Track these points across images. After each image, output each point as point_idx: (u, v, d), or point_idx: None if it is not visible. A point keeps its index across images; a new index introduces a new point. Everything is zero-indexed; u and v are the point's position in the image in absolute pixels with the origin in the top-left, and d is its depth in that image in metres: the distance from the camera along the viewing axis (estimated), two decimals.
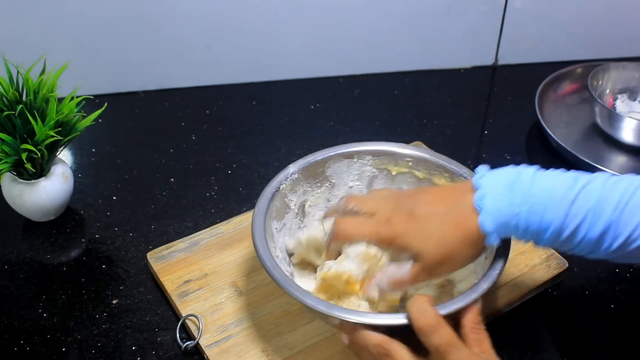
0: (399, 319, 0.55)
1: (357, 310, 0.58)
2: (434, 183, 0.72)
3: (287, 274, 0.63)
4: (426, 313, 0.53)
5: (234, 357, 0.63)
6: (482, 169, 0.59)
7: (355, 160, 0.74)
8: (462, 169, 0.70)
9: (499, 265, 0.60)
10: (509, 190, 0.55)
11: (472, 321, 0.55)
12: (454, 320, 0.56)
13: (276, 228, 0.69)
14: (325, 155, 0.73)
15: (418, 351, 0.53)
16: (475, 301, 0.56)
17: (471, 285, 0.59)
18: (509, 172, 0.57)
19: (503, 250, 0.61)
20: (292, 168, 0.71)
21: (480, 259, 0.64)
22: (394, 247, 0.59)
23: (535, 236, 0.56)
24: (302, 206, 0.73)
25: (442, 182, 0.71)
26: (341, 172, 0.74)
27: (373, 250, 0.60)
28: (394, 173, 0.74)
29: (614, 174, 0.57)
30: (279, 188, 0.70)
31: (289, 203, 0.72)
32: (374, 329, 0.55)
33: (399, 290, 0.62)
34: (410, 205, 0.59)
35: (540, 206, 0.55)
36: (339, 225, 0.62)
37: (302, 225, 0.73)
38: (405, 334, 0.54)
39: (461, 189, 0.59)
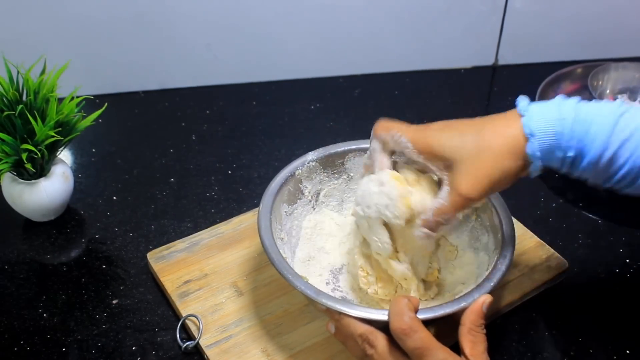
0: (382, 315, 0.55)
1: (343, 300, 0.59)
2: None
3: (287, 257, 0.63)
4: (401, 316, 0.53)
5: (234, 357, 0.63)
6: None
7: None
8: None
9: (495, 276, 0.59)
10: (559, 107, 0.56)
11: (471, 322, 0.55)
12: (444, 324, 0.56)
13: (285, 211, 0.70)
14: (347, 148, 0.73)
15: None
16: (477, 301, 0.56)
17: (467, 291, 0.59)
18: (552, 108, 0.56)
19: (503, 262, 0.61)
20: (311, 155, 0.72)
21: (483, 265, 0.64)
22: (434, 155, 0.59)
23: (575, 158, 0.55)
24: (317, 194, 0.74)
25: None
26: (360, 167, 0.74)
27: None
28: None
29: None
30: (294, 173, 0.71)
31: (303, 189, 0.72)
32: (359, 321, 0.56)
33: (447, 222, 0.59)
34: (446, 122, 0.60)
35: (587, 118, 0.54)
36: (379, 122, 0.63)
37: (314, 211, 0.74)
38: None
39: (507, 114, 0.58)
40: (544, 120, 0.55)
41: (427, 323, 0.54)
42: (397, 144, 0.62)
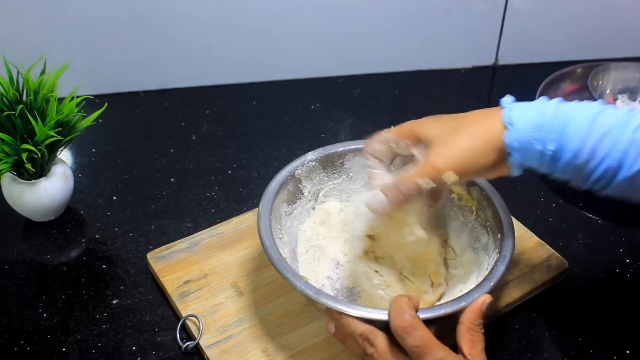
0: (382, 315, 0.55)
1: (342, 300, 0.59)
2: (450, 187, 0.72)
3: (286, 257, 0.63)
4: (402, 315, 0.53)
5: (235, 358, 0.63)
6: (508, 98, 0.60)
7: None
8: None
9: (495, 276, 0.59)
10: (540, 107, 0.57)
11: (470, 321, 0.55)
12: (444, 323, 0.56)
13: (285, 211, 0.70)
14: (346, 148, 0.74)
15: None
16: (477, 301, 0.56)
17: (466, 291, 0.59)
18: (533, 104, 0.58)
19: (503, 261, 0.61)
20: (311, 155, 0.72)
21: (483, 265, 0.65)
22: (415, 137, 0.61)
23: (554, 158, 0.56)
24: (317, 194, 0.74)
25: (457, 189, 0.71)
26: (360, 167, 0.75)
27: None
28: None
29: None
30: (294, 173, 0.71)
31: (303, 189, 0.72)
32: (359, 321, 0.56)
33: (406, 192, 0.59)
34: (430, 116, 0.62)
35: (567, 113, 0.55)
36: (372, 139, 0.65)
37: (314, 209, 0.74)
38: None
39: (484, 111, 0.60)
40: (525, 112, 0.57)
41: (427, 323, 0.54)
42: (382, 141, 0.63)
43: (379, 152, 0.64)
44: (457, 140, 0.58)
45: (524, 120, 0.56)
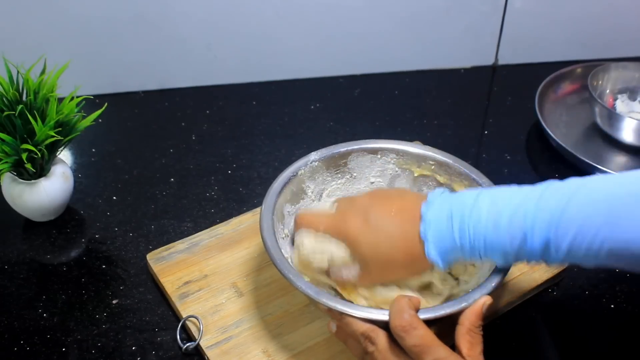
0: (383, 315, 0.55)
1: (345, 300, 0.59)
2: (453, 189, 0.72)
3: (288, 257, 0.63)
4: (401, 314, 0.53)
5: (235, 358, 0.63)
6: (434, 195, 0.59)
7: (379, 156, 0.74)
8: (482, 179, 0.69)
9: (496, 277, 0.59)
10: (449, 223, 0.56)
11: (470, 322, 0.55)
12: (444, 323, 0.56)
13: (288, 211, 0.70)
14: (349, 148, 0.74)
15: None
16: (477, 303, 0.56)
17: (467, 291, 0.59)
18: (453, 203, 0.57)
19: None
20: (314, 156, 0.72)
21: (484, 266, 0.64)
22: (347, 244, 0.61)
23: (490, 258, 0.56)
24: (320, 194, 0.74)
25: (461, 189, 0.71)
26: (363, 167, 0.75)
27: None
28: (415, 174, 0.74)
29: (555, 182, 0.55)
30: (297, 173, 0.71)
31: (306, 189, 0.72)
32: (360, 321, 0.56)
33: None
34: (367, 210, 0.61)
35: (479, 234, 0.55)
36: (300, 215, 0.66)
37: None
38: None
39: (414, 211, 0.58)
40: (442, 245, 0.56)
41: (428, 323, 0.54)
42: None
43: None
44: (387, 275, 0.61)
45: (442, 244, 0.56)
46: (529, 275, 0.72)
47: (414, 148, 0.74)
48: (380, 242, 0.59)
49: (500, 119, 1.02)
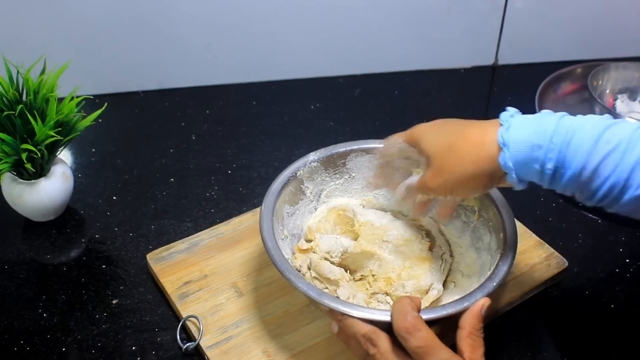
0: (385, 316, 0.55)
1: (346, 301, 0.59)
2: None
3: (289, 258, 0.64)
4: (404, 315, 0.53)
5: (235, 358, 0.63)
6: (511, 110, 0.59)
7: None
8: None
9: (497, 276, 0.59)
10: (539, 120, 0.55)
11: (471, 326, 0.55)
12: (446, 324, 0.56)
13: (287, 212, 0.70)
14: (348, 148, 0.74)
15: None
16: (476, 305, 0.56)
17: (469, 290, 0.59)
18: (532, 120, 0.56)
19: (505, 262, 0.61)
20: (312, 156, 0.72)
21: (485, 265, 0.64)
22: (418, 148, 0.63)
23: (555, 173, 0.54)
24: (319, 195, 0.74)
25: None
26: (362, 167, 0.75)
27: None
28: (414, 174, 0.74)
29: None
30: (296, 174, 0.71)
31: (305, 190, 0.72)
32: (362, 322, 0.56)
33: (412, 196, 0.67)
34: (446, 123, 0.63)
35: (569, 130, 0.53)
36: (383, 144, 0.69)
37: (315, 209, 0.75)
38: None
39: (487, 123, 0.59)
40: (521, 131, 0.55)
41: (429, 323, 0.54)
42: (394, 146, 0.68)
43: (388, 154, 0.69)
44: (449, 165, 0.59)
45: (521, 141, 0.54)
46: (529, 275, 0.72)
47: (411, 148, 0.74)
48: (449, 134, 0.60)
49: None
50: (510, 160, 0.55)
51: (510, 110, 0.58)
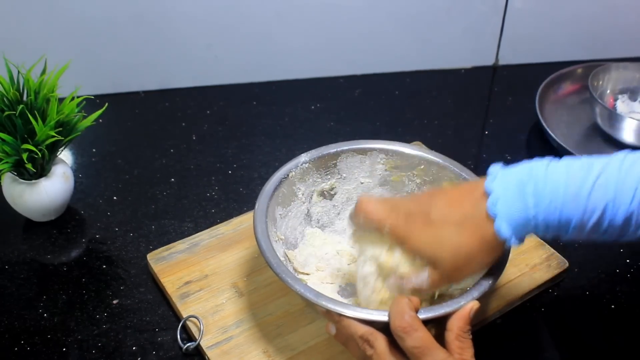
0: (382, 316, 0.55)
1: (342, 302, 0.59)
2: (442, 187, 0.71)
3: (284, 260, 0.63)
4: (402, 315, 0.53)
5: (235, 359, 0.63)
6: (495, 169, 0.56)
7: (368, 157, 0.74)
8: (475, 179, 0.69)
9: (494, 274, 0.59)
10: (521, 192, 0.54)
11: (459, 328, 0.55)
12: (443, 324, 0.56)
13: (280, 214, 0.70)
14: (339, 149, 0.73)
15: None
16: (464, 308, 0.56)
17: (464, 290, 0.59)
18: (520, 172, 0.55)
19: (500, 258, 0.61)
20: (304, 157, 0.72)
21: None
22: (406, 248, 0.57)
23: (558, 233, 0.55)
24: (310, 196, 0.74)
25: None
26: (353, 167, 0.75)
27: (390, 260, 0.59)
28: (404, 174, 0.74)
29: (632, 152, 0.54)
30: (287, 175, 0.70)
31: (297, 191, 0.72)
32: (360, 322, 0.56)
33: (420, 295, 0.59)
34: (427, 208, 0.57)
35: (557, 204, 0.53)
36: (362, 202, 0.60)
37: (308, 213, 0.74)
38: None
39: (476, 192, 0.56)
40: (514, 219, 0.54)
41: (426, 323, 0.54)
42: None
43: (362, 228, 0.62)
44: (459, 266, 0.56)
45: (512, 217, 0.54)
46: (529, 275, 0.72)
47: (403, 148, 0.74)
48: (446, 232, 0.56)
49: (500, 119, 1.02)
50: (516, 242, 0.56)
51: (493, 171, 0.56)
